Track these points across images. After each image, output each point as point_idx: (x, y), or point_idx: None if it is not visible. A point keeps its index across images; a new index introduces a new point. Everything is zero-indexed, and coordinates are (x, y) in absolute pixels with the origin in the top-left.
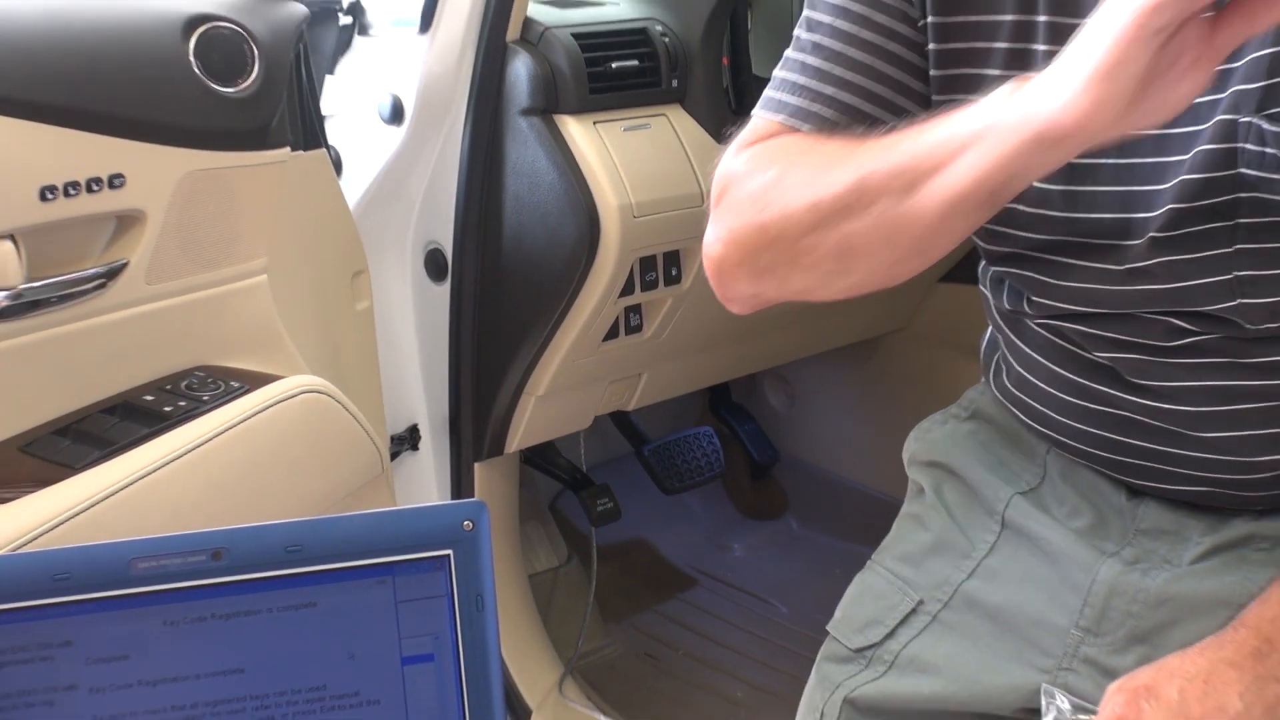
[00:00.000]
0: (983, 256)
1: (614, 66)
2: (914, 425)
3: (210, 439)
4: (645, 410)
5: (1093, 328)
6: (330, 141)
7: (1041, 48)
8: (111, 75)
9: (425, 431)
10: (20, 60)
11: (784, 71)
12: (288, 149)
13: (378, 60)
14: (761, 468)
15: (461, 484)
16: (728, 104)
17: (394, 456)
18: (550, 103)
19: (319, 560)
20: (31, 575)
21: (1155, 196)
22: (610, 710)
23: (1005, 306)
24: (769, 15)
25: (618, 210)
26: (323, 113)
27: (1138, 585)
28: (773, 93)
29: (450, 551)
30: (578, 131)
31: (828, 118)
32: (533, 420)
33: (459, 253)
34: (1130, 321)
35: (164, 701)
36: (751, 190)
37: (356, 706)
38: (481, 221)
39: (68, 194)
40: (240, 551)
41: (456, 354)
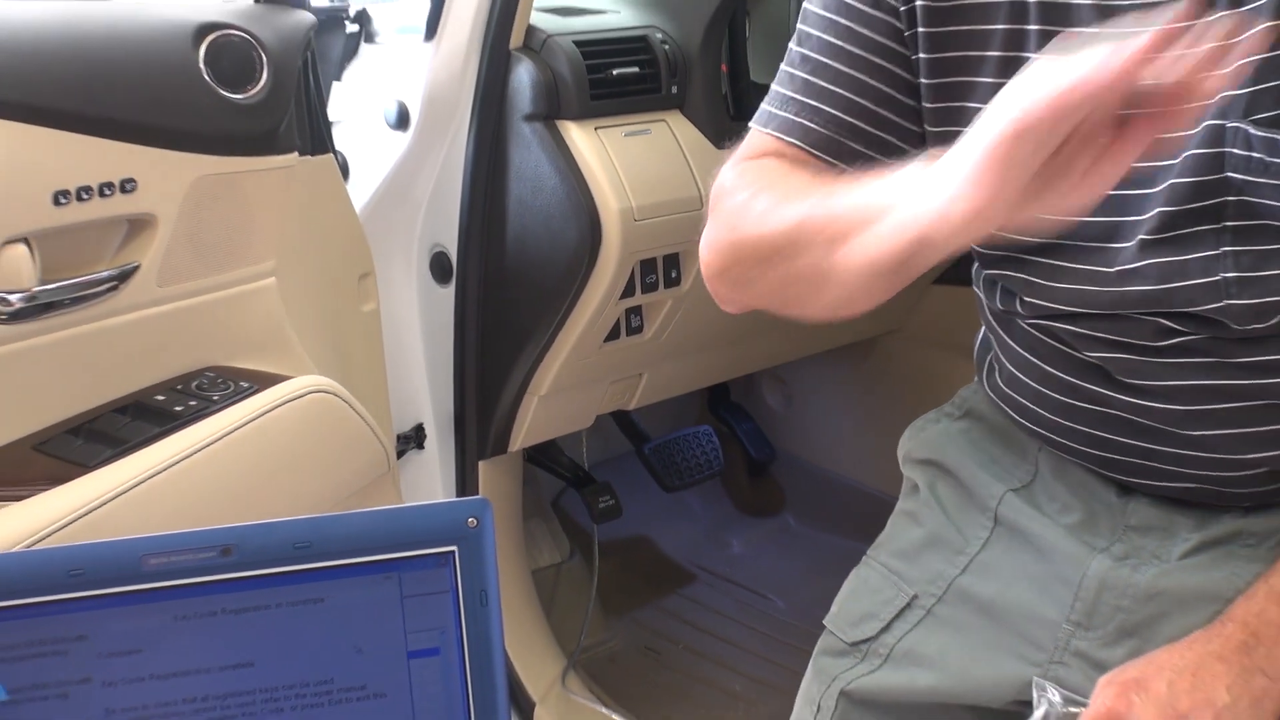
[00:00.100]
0: (976, 258)
1: (615, 73)
2: (908, 424)
3: (220, 438)
4: (646, 409)
5: (1083, 328)
6: (337, 147)
7: (1033, 56)
8: (123, 82)
9: (431, 430)
10: (34, 67)
11: (776, 85)
12: (296, 154)
13: (384, 67)
14: (759, 466)
15: (466, 482)
16: (726, 110)
17: (400, 455)
18: (552, 108)
19: (327, 556)
20: (46, 571)
21: (1145, 200)
22: (612, 703)
23: (998, 307)
24: (767, 23)
25: (619, 214)
26: (330, 118)
27: (1127, 580)
28: (765, 105)
29: (455, 548)
30: (579, 137)
31: (815, 129)
32: (536, 419)
33: (463, 255)
34: (1120, 322)
35: (175, 694)
36: (730, 207)
37: (363, 699)
38: (485, 225)
39: (80, 198)
40: (249, 548)
41: (461, 354)
